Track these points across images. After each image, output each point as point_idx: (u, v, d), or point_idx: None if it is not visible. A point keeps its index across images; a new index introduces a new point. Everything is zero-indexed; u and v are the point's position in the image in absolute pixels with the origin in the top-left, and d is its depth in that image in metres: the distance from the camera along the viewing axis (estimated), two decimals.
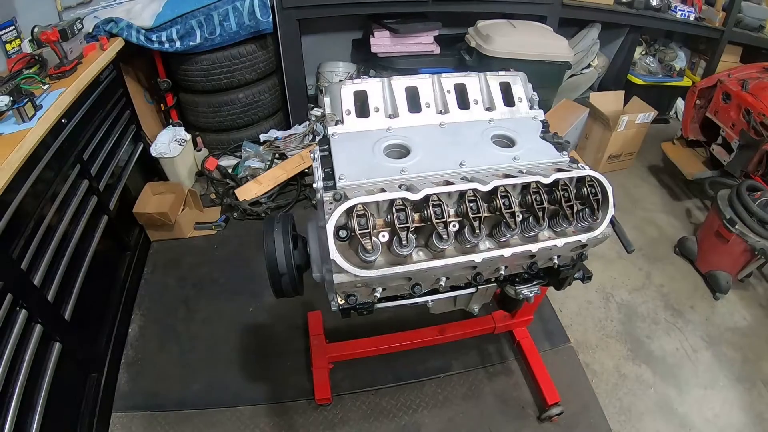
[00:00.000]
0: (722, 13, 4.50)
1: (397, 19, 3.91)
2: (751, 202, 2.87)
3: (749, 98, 3.36)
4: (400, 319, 2.62)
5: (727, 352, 2.84)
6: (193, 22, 3.23)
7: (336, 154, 1.28)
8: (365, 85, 1.43)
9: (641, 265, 3.37)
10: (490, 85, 1.54)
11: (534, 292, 1.59)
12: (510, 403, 2.47)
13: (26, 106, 2.13)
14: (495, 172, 1.25)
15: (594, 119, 4.19)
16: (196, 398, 2.44)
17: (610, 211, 1.24)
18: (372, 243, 1.02)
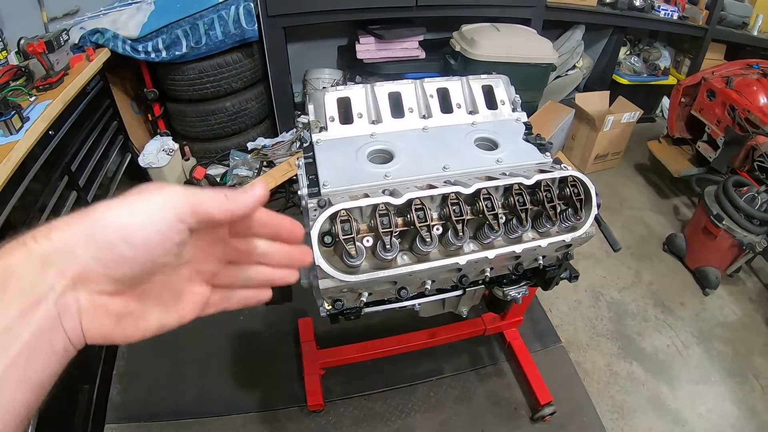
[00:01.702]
0: (705, 11, 4.55)
1: (382, 25, 3.93)
2: (737, 198, 2.90)
3: (734, 95, 3.40)
4: (390, 323, 2.63)
5: (718, 347, 2.87)
6: (178, 31, 3.23)
7: (320, 160, 1.29)
8: (348, 92, 1.44)
9: (630, 264, 3.39)
10: (473, 88, 1.56)
11: (522, 293, 1.60)
12: (502, 404, 2.48)
13: (13, 119, 2.13)
14: (478, 175, 1.27)
15: (580, 120, 4.22)
16: (188, 408, 2.43)
17: (593, 210, 1.25)
18: (356, 248, 1.03)
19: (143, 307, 0.50)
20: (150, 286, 0.50)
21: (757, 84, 3.42)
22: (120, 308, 0.47)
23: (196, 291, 0.55)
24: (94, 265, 0.44)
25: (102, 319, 0.46)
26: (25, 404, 0.41)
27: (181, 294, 0.53)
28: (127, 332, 0.49)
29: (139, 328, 0.50)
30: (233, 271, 0.58)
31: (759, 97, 3.33)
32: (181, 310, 0.53)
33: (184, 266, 0.52)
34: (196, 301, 0.55)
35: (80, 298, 0.44)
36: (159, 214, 0.45)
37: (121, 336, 0.49)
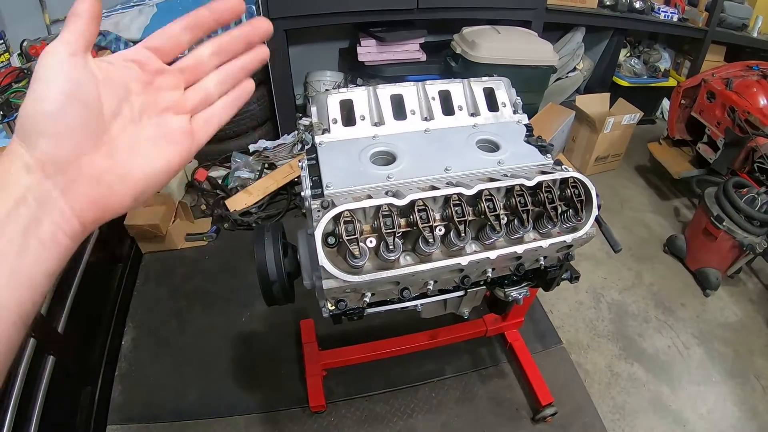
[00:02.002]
0: (705, 13, 4.56)
1: (383, 28, 3.94)
2: (737, 199, 2.91)
3: (734, 96, 3.41)
4: (392, 324, 2.64)
5: (719, 348, 2.87)
6: None
7: (323, 162, 1.30)
8: (351, 94, 1.45)
9: (631, 265, 3.40)
10: (474, 91, 1.57)
11: (523, 293, 1.61)
12: (504, 405, 2.48)
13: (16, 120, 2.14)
14: (480, 176, 1.28)
15: (580, 122, 4.22)
16: (191, 409, 2.44)
17: (594, 211, 1.26)
18: (359, 248, 1.03)
19: (118, 160, 0.50)
20: (112, 138, 0.49)
21: (757, 85, 3.43)
22: (92, 169, 0.48)
23: (172, 124, 0.55)
24: (41, 139, 0.45)
25: (82, 188, 0.47)
26: (17, 301, 0.42)
27: (155, 137, 0.53)
28: (115, 191, 0.49)
29: (127, 184, 0.50)
30: (196, 88, 0.58)
31: (759, 98, 3.34)
32: (162, 150, 0.53)
33: (143, 111, 0.52)
34: (177, 134, 0.55)
35: (56, 182, 0.46)
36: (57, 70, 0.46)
37: (112, 198, 0.49)
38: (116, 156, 0.49)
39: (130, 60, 0.53)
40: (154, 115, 0.53)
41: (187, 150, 0.56)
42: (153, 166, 0.52)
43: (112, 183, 0.49)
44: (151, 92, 0.53)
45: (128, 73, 0.52)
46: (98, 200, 0.48)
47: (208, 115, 0.59)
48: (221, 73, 0.59)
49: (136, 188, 0.51)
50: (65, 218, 0.46)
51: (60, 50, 0.46)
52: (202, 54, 0.58)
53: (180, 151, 0.55)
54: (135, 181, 0.51)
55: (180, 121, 0.55)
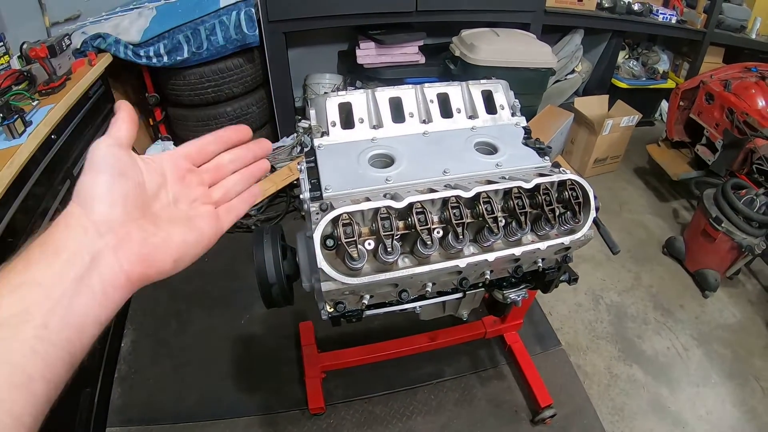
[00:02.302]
0: (703, 15, 4.57)
1: (382, 30, 3.95)
2: (736, 200, 2.91)
3: (732, 98, 3.42)
4: (391, 327, 2.64)
5: (718, 350, 2.88)
6: (180, 36, 3.25)
7: (322, 165, 1.31)
8: (350, 97, 1.46)
9: (630, 267, 3.40)
10: (473, 93, 1.57)
11: (521, 295, 1.61)
12: (503, 406, 2.49)
13: (16, 123, 2.14)
14: (478, 179, 1.28)
15: (579, 124, 4.23)
16: (190, 411, 2.44)
17: (591, 213, 1.26)
18: (358, 251, 1.04)
19: (160, 227, 0.60)
20: (154, 212, 0.62)
21: (755, 87, 3.43)
22: (139, 232, 0.57)
23: (201, 210, 0.68)
24: (97, 204, 0.55)
25: (130, 246, 0.56)
26: (67, 339, 0.50)
27: (190, 216, 0.65)
28: (158, 252, 0.59)
29: (168, 247, 0.60)
30: (219, 186, 0.73)
31: (757, 100, 3.34)
32: (195, 226, 0.65)
33: (177, 199, 0.66)
34: (205, 216, 0.67)
35: (108, 241, 0.54)
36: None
37: (156, 258, 0.59)
38: (159, 224, 0.61)
39: (167, 158, 0.67)
40: (186, 203, 0.66)
41: (214, 229, 0.68)
42: (189, 236, 0.63)
43: (156, 244, 0.59)
44: (184, 185, 0.67)
45: (165, 166, 0.66)
46: (143, 259, 0.57)
47: (228, 207, 0.73)
48: (238, 175, 0.76)
49: (176, 252, 0.61)
50: (114, 272, 0.54)
51: (110, 142, 0.59)
52: (224, 160, 0.74)
53: (209, 228, 0.67)
54: (175, 245, 0.61)
55: (207, 208, 0.69)
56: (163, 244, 0.60)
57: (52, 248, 0.52)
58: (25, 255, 0.52)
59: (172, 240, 0.61)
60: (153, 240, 0.58)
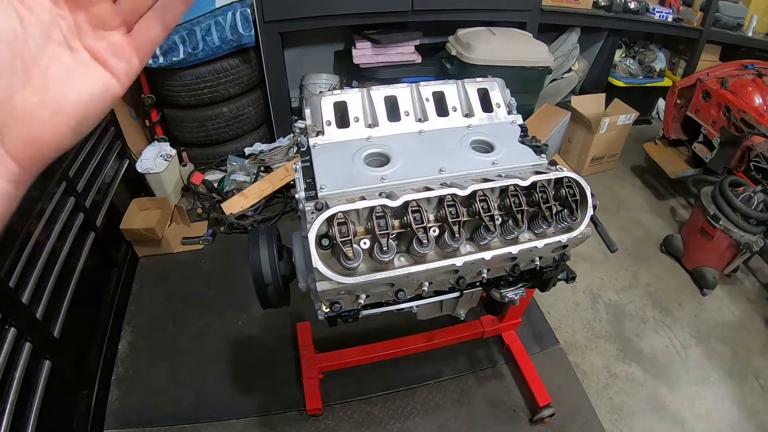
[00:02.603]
0: (700, 13, 4.58)
1: (378, 30, 3.94)
2: (734, 198, 2.91)
3: (729, 95, 3.42)
4: (389, 327, 2.63)
5: (717, 348, 2.87)
6: (175, 37, 3.24)
7: (317, 164, 1.30)
8: (345, 96, 1.45)
9: (628, 265, 3.39)
10: (468, 91, 1.57)
11: (519, 294, 1.61)
12: (501, 406, 2.48)
13: None
14: (474, 177, 1.27)
15: (576, 122, 4.23)
16: (187, 413, 2.43)
17: (588, 211, 1.25)
18: (353, 250, 1.03)
19: (48, 93, 0.44)
20: (43, 69, 0.44)
21: (752, 84, 3.43)
22: (24, 108, 0.43)
23: (102, 43, 0.48)
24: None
25: (14, 131, 0.43)
26: None
27: (88, 60, 0.47)
28: (48, 125, 0.45)
29: (61, 115, 0.45)
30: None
31: (754, 97, 3.35)
32: (96, 73, 0.47)
33: (69, 31, 0.46)
34: (109, 53, 0.48)
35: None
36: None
37: (47, 133, 0.45)
38: (48, 88, 0.45)
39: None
40: (87, 34, 0.47)
41: (124, 70, 0.49)
42: (88, 92, 0.47)
43: (44, 117, 0.44)
44: (80, 9, 0.46)
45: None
46: (32, 139, 0.44)
47: (144, 26, 0.50)
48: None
49: (72, 119, 0.46)
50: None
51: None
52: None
53: (117, 71, 0.49)
54: (69, 111, 0.46)
55: (114, 36, 0.48)
56: (54, 113, 0.45)
57: None
58: None
59: (65, 104, 0.46)
60: (40, 113, 0.44)
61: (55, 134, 0.45)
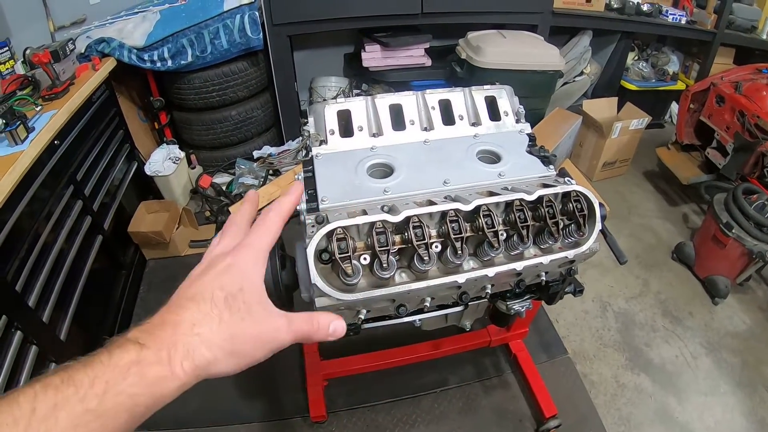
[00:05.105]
0: (714, 15, 4.51)
1: (387, 33, 3.93)
2: (747, 206, 2.86)
3: (743, 100, 3.36)
4: (394, 335, 2.60)
5: (728, 358, 2.83)
6: (184, 40, 3.25)
7: (319, 175, 1.28)
8: (349, 104, 1.43)
9: (638, 273, 3.35)
10: (476, 99, 1.54)
11: (525, 306, 1.58)
12: (507, 416, 2.45)
13: (18, 129, 2.14)
14: (479, 190, 1.25)
15: (588, 127, 4.19)
16: (192, 417, 2.42)
17: (597, 226, 1.22)
18: (353, 267, 1.01)
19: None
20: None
21: (766, 89, 3.38)
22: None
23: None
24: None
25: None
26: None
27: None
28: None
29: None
30: None
31: None
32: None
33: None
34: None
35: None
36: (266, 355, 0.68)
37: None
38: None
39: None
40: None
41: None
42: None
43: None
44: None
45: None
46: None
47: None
48: None
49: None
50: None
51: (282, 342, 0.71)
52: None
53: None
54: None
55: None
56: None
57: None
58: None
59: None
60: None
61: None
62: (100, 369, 0.51)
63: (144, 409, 0.53)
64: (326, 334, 0.73)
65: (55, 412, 0.47)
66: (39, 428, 0.45)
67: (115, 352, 0.54)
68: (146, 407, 0.53)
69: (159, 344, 0.56)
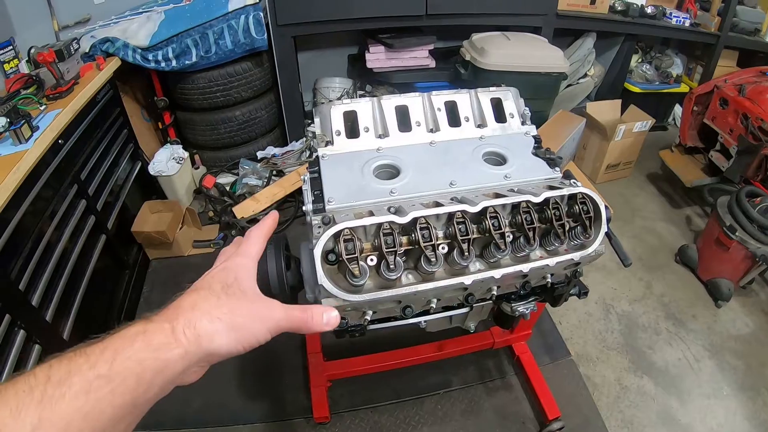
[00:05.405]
0: (717, 18, 4.51)
1: (392, 34, 3.93)
2: (750, 209, 2.86)
3: (746, 103, 3.36)
4: (398, 336, 2.60)
5: (730, 361, 2.82)
6: (188, 40, 3.25)
7: (325, 176, 1.28)
8: (355, 105, 1.43)
9: (641, 275, 3.35)
10: (481, 101, 1.54)
11: (530, 308, 1.58)
12: (510, 418, 2.45)
13: (23, 128, 2.14)
14: (485, 192, 1.25)
15: (591, 129, 4.19)
16: (194, 417, 2.43)
17: (603, 228, 1.22)
18: (359, 267, 1.01)
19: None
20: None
21: None
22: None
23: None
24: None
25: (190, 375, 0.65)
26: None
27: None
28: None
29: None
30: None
31: None
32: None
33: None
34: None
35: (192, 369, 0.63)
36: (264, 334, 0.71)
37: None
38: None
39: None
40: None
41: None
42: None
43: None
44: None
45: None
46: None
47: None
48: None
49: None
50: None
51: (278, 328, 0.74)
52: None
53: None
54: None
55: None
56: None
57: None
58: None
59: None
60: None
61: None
62: (109, 341, 0.56)
63: (151, 375, 0.55)
64: (320, 323, 0.77)
65: (69, 378, 0.50)
66: (54, 394, 0.48)
67: (123, 327, 0.58)
68: (153, 372, 0.56)
69: (162, 319, 0.61)
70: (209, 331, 0.62)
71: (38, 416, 0.46)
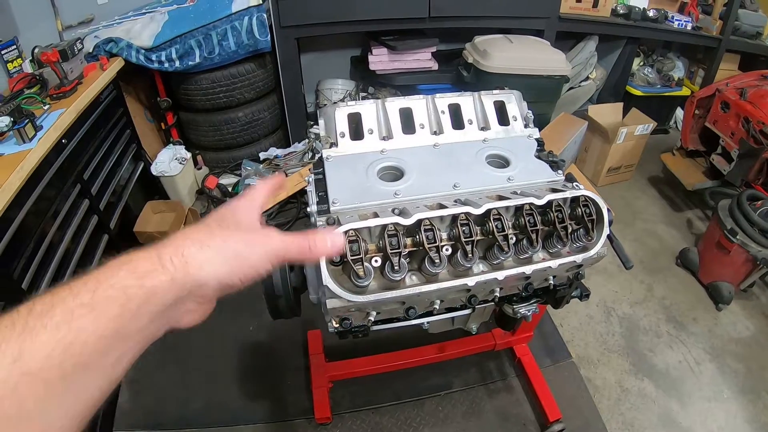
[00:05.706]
0: (719, 21, 4.51)
1: (394, 36, 3.93)
2: (751, 212, 2.86)
3: (748, 107, 3.36)
4: (399, 337, 2.61)
5: (731, 364, 2.83)
6: (192, 41, 3.26)
7: (330, 177, 1.29)
8: (359, 107, 1.43)
9: (643, 278, 3.35)
10: (485, 104, 1.55)
11: (532, 310, 1.58)
12: (511, 420, 2.46)
13: (26, 127, 2.15)
14: (489, 194, 1.25)
15: (593, 132, 4.19)
16: (196, 417, 2.44)
17: (605, 230, 1.23)
18: (364, 269, 1.02)
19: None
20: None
21: None
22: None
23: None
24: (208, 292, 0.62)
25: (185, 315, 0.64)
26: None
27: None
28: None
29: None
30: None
31: None
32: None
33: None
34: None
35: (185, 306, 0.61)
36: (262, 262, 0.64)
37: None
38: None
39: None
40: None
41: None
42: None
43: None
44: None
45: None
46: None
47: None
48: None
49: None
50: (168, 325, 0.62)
51: (276, 255, 0.66)
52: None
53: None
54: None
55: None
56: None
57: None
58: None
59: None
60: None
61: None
62: (95, 272, 0.53)
63: (136, 303, 0.53)
64: (324, 247, 0.71)
65: (51, 310, 0.48)
66: (35, 325, 0.47)
67: (110, 259, 0.56)
68: (139, 300, 0.53)
69: (150, 248, 0.58)
70: (198, 258, 0.58)
71: (18, 348, 0.45)
